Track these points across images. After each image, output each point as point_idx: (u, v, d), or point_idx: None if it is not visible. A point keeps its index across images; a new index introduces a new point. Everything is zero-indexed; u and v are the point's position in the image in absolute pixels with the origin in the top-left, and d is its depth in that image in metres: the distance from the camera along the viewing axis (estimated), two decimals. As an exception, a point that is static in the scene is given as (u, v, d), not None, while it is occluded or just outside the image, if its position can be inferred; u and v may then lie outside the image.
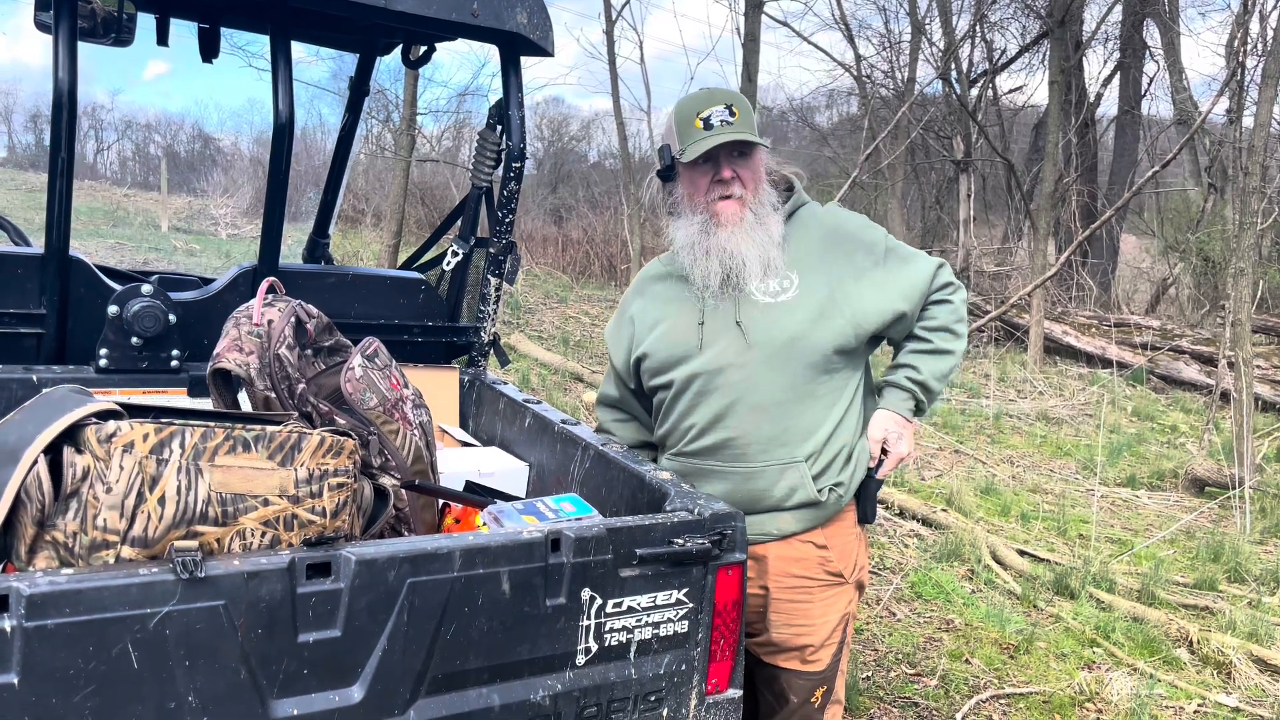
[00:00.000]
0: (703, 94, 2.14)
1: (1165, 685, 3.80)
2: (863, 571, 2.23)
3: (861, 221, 2.24)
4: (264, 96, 51.90)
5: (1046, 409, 9.26)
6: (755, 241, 2.09)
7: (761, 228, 2.10)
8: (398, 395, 2.02)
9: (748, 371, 2.08)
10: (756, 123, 2.15)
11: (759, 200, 2.12)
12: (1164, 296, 15.33)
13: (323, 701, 1.42)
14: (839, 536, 2.15)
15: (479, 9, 2.47)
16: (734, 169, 2.11)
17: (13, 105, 38.96)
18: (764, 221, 2.11)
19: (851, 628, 2.23)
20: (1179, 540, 5.71)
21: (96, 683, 1.26)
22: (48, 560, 1.37)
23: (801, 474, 2.07)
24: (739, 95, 2.17)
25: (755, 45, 7.44)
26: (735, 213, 2.10)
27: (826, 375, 2.09)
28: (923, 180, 18.64)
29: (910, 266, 2.18)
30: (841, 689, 2.23)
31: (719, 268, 2.10)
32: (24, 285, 2.35)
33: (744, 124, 2.08)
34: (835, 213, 2.26)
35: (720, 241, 2.09)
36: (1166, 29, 14.93)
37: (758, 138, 2.09)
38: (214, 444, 1.44)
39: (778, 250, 2.11)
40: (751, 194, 2.12)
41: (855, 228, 2.21)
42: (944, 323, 2.19)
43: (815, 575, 2.12)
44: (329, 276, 2.81)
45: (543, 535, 1.58)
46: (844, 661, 2.22)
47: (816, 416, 2.09)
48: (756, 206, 2.12)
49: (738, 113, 2.08)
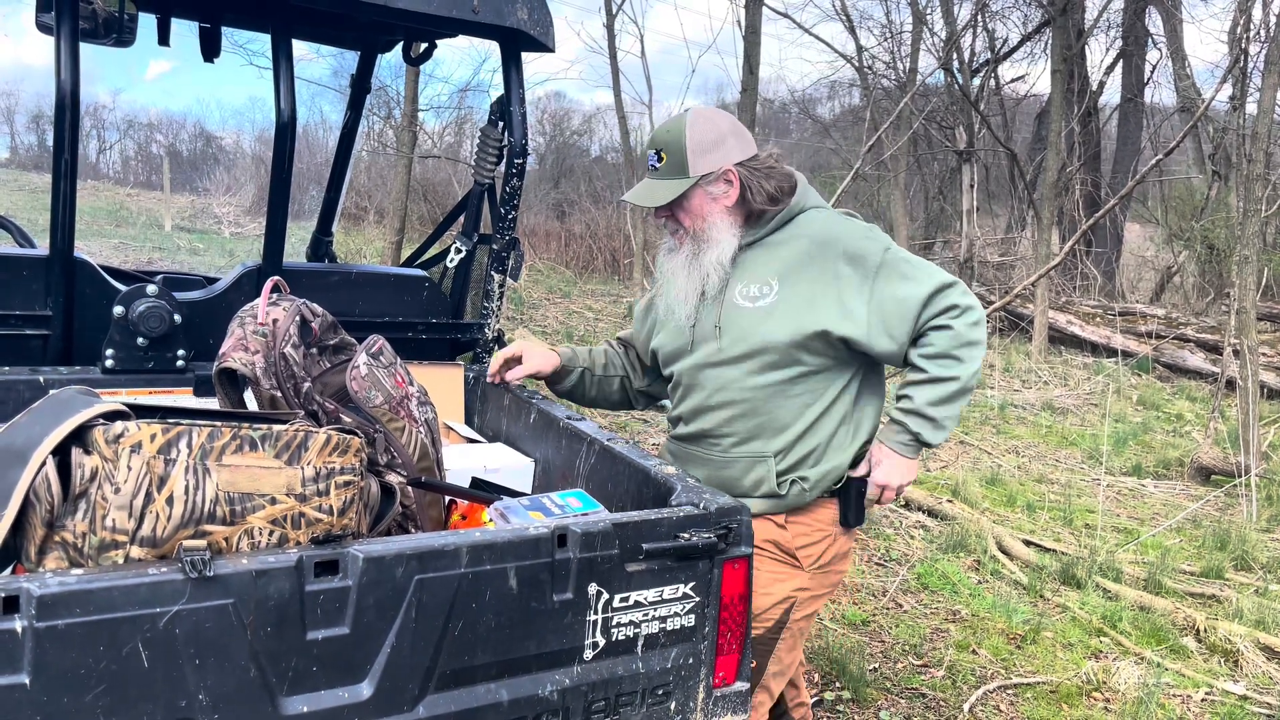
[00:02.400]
0: (657, 129, 2.29)
1: (1172, 674, 3.80)
2: (828, 569, 2.28)
3: (862, 231, 2.21)
4: (265, 94, 51.90)
5: (1051, 399, 9.25)
6: (690, 274, 2.24)
7: (700, 259, 2.23)
8: (403, 392, 2.02)
9: (724, 371, 2.21)
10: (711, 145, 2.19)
11: (698, 232, 2.23)
12: (1169, 285, 15.30)
13: (332, 698, 1.43)
14: (802, 525, 2.23)
15: (479, 5, 2.47)
16: (666, 210, 2.25)
17: (15, 106, 39.00)
18: (705, 252, 2.23)
19: (803, 620, 2.26)
20: (1185, 529, 5.71)
21: (107, 682, 1.27)
22: (57, 561, 1.38)
23: (769, 468, 2.19)
24: (675, 134, 2.21)
25: (756, 37, 7.43)
26: (679, 244, 2.28)
27: (802, 378, 2.17)
28: (925, 171, 18.60)
29: (902, 286, 2.13)
30: (775, 680, 2.26)
31: (668, 300, 2.32)
32: (29, 287, 2.36)
33: (669, 169, 2.21)
34: (836, 221, 2.23)
35: (669, 267, 2.30)
36: (1169, 16, 14.88)
37: (667, 194, 2.19)
38: (221, 443, 1.44)
39: (719, 274, 2.22)
40: (689, 228, 2.24)
41: (851, 237, 2.18)
42: (943, 349, 2.14)
43: (764, 546, 2.19)
44: (333, 275, 2.82)
45: (549, 531, 1.59)
46: (784, 651, 2.24)
47: (789, 416, 2.18)
48: (696, 239, 2.24)
49: (665, 158, 2.21)
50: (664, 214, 2.26)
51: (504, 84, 2.76)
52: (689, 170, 2.18)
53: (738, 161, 2.19)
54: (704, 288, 2.23)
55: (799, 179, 2.28)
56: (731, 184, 2.19)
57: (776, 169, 2.24)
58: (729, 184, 2.20)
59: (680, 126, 2.21)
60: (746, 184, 2.19)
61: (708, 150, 2.18)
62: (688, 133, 2.19)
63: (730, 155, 2.19)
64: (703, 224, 2.22)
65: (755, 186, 2.20)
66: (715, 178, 2.19)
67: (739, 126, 2.28)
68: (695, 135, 2.18)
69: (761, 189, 2.20)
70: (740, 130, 2.27)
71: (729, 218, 2.22)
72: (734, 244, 2.22)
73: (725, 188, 2.20)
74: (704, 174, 2.18)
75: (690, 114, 2.24)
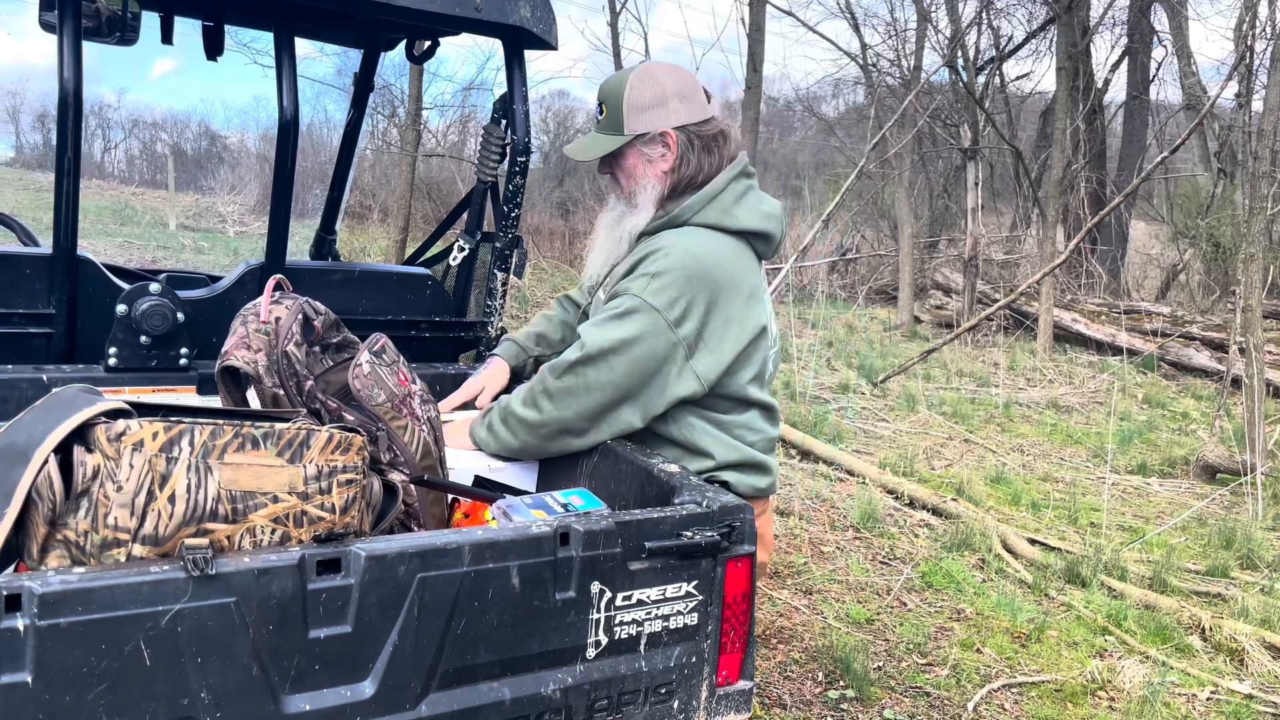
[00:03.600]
0: (605, 80, 2.22)
1: (1178, 673, 3.79)
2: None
3: (644, 273, 2.06)
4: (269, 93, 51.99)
5: (1056, 397, 9.24)
6: (608, 235, 2.19)
7: (622, 223, 2.17)
8: (406, 391, 2.02)
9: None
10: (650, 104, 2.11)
11: (630, 194, 2.17)
12: (1174, 283, 15.27)
13: (335, 697, 1.43)
14: None
15: (482, 3, 2.46)
16: (606, 167, 2.21)
17: (19, 105, 39.10)
18: (628, 217, 2.17)
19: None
20: (1191, 527, 5.70)
21: (109, 681, 1.27)
22: (59, 559, 1.38)
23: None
24: (617, 88, 2.14)
25: (760, 35, 7.42)
26: (613, 200, 2.22)
27: None
28: (930, 169, 18.57)
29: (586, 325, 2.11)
30: None
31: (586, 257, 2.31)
32: (33, 285, 2.36)
33: (607, 123, 2.14)
34: (651, 253, 2.09)
35: (602, 222, 2.25)
36: (1174, 13, 14.84)
37: (598, 149, 2.14)
38: (223, 441, 1.44)
39: (629, 245, 2.16)
40: (624, 188, 2.18)
41: (634, 269, 2.09)
42: (532, 384, 2.11)
43: None
44: (336, 273, 2.81)
45: (552, 529, 1.58)
46: None
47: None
48: (628, 202, 2.18)
49: (605, 111, 2.14)
50: (604, 171, 2.21)
51: (507, 82, 2.75)
52: (624, 127, 2.11)
53: (679, 125, 2.10)
54: (610, 257, 2.18)
55: (718, 180, 2.14)
56: (669, 148, 2.11)
57: (722, 146, 2.14)
58: (666, 147, 2.11)
59: (622, 80, 2.14)
60: (683, 152, 2.11)
61: (646, 109, 2.10)
62: (628, 88, 2.11)
63: (672, 117, 2.10)
64: (635, 185, 2.15)
65: (688, 158, 2.11)
66: (651, 138, 2.11)
67: (691, 88, 2.16)
68: (635, 92, 2.10)
69: (692, 163, 2.11)
70: (691, 93, 2.15)
71: (659, 186, 2.14)
72: (648, 217, 2.14)
73: (662, 150, 2.12)
74: (639, 133, 2.10)
75: (639, 68, 2.16)
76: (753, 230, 2.15)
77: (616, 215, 2.19)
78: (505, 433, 2.13)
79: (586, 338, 2.05)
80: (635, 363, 2.02)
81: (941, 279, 15.10)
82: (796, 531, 5.13)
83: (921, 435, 7.61)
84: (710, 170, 2.14)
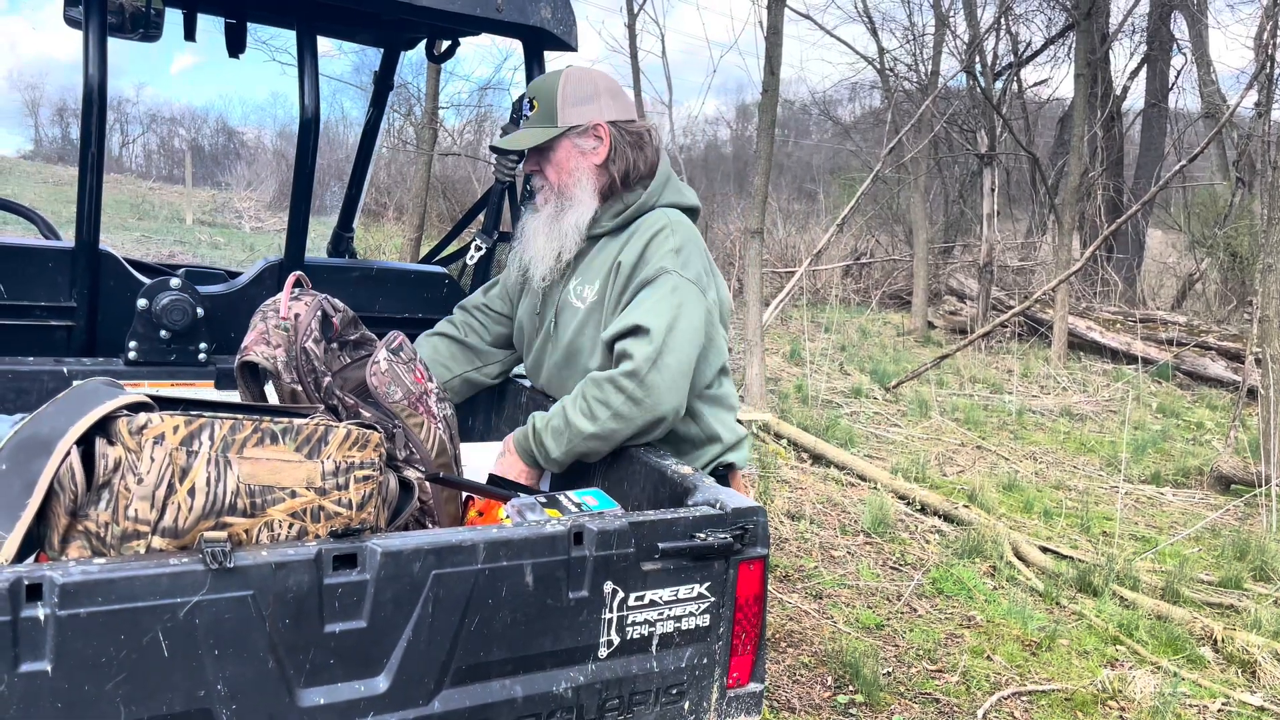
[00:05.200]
0: (532, 81, 2.28)
1: (1189, 684, 3.77)
2: None
3: (666, 249, 2.08)
4: (287, 90, 52.19)
5: (1070, 405, 9.20)
6: (550, 235, 2.19)
7: (560, 219, 2.18)
8: (422, 389, 2.03)
9: (552, 370, 2.27)
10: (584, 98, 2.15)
11: (563, 188, 2.18)
12: (1190, 292, 15.17)
13: (349, 691, 1.44)
14: None
15: (503, 4, 2.48)
16: (534, 163, 2.22)
17: (40, 99, 39.35)
18: (566, 212, 2.18)
19: None
20: (1204, 538, 5.67)
21: (127, 671, 1.28)
22: (80, 550, 1.39)
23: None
24: (549, 83, 2.18)
25: (778, 38, 7.41)
26: (544, 202, 2.22)
27: None
28: (946, 174, 18.50)
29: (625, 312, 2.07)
30: None
31: (524, 259, 2.27)
32: (55, 278, 2.38)
33: (539, 118, 2.16)
34: (657, 232, 2.11)
35: (531, 226, 2.25)
36: (1194, 21, 14.76)
37: (533, 139, 2.15)
38: (242, 436, 1.45)
39: (575, 238, 2.18)
40: (554, 183, 2.19)
41: (649, 251, 2.09)
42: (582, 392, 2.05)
43: None
44: (354, 270, 2.83)
45: (566, 529, 1.59)
46: None
47: None
48: (561, 196, 2.19)
49: (536, 106, 2.17)
50: (532, 167, 2.23)
51: (526, 83, 2.76)
52: (558, 120, 2.14)
53: (611, 120, 2.16)
54: (561, 250, 2.19)
55: (663, 165, 2.22)
56: (601, 140, 2.15)
57: (648, 144, 2.19)
58: (599, 139, 2.15)
59: (555, 77, 2.19)
60: (615, 145, 2.15)
61: (580, 102, 2.15)
62: (561, 82, 2.16)
63: (604, 112, 2.16)
64: (568, 179, 2.18)
65: (622, 151, 2.15)
66: (584, 130, 2.15)
67: (619, 89, 2.24)
68: (569, 86, 2.15)
69: (626, 157, 2.16)
70: (619, 92, 2.23)
71: (594, 179, 2.17)
72: (592, 209, 2.17)
73: (595, 143, 2.16)
74: (573, 125, 2.14)
75: (568, 68, 2.22)
76: (696, 208, 2.27)
77: (551, 212, 2.21)
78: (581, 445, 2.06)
79: (647, 323, 1.99)
80: (695, 333, 2.05)
81: (956, 285, 15.05)
82: (807, 536, 5.12)
83: (934, 441, 7.59)
84: (645, 165, 2.20)
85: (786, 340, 11.96)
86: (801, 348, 10.64)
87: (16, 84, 60.91)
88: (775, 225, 17.77)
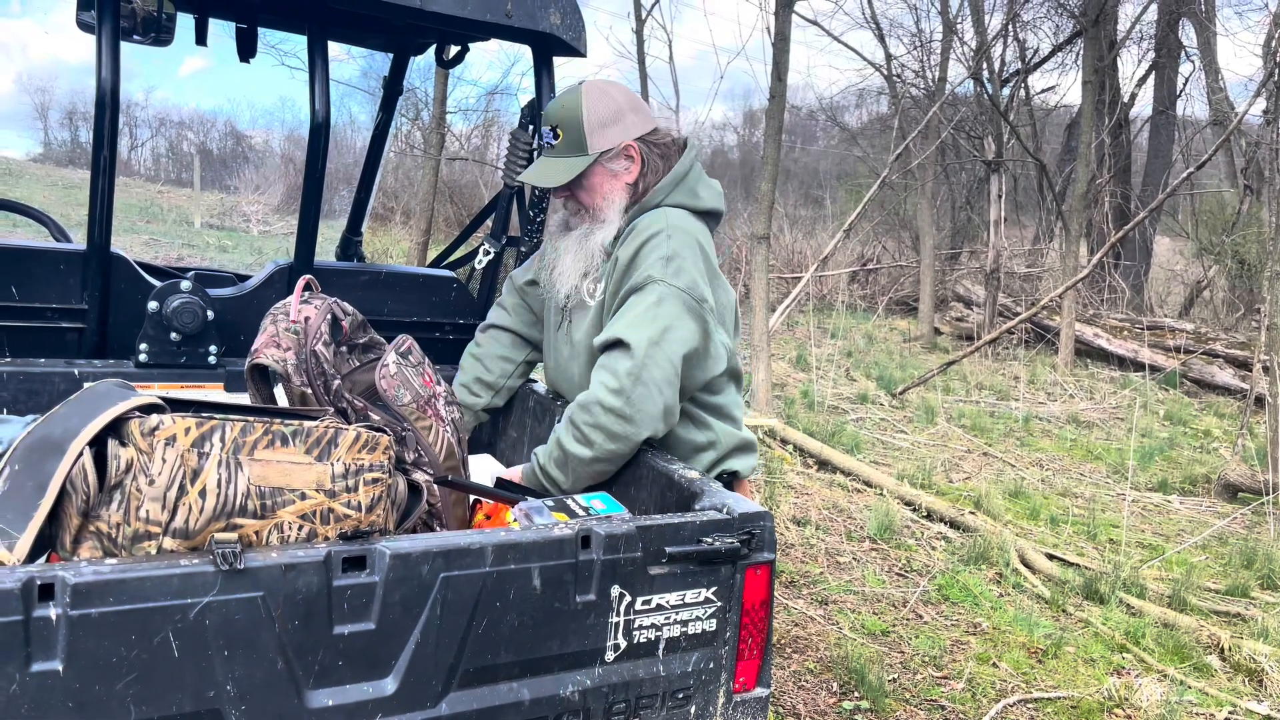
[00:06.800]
0: (551, 104, 2.21)
1: (1195, 692, 3.76)
2: None
3: (656, 256, 2.06)
4: (295, 94, 52.29)
5: (1077, 412, 9.18)
6: (578, 254, 2.19)
7: (589, 239, 2.18)
8: (431, 392, 2.04)
9: (565, 365, 2.30)
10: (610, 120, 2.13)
11: (596, 210, 2.18)
12: (1198, 299, 15.13)
13: (357, 693, 1.45)
14: None
15: (513, 9, 2.48)
16: (566, 193, 2.20)
17: (49, 102, 39.51)
18: (595, 233, 2.18)
19: None
20: (1211, 546, 5.65)
21: (138, 671, 1.29)
22: (92, 550, 1.40)
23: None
24: (571, 109, 2.14)
25: (785, 44, 7.41)
26: (579, 223, 2.22)
27: None
28: (953, 180, 18.50)
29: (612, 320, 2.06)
30: None
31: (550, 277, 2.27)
32: (66, 281, 2.39)
33: (566, 146, 2.12)
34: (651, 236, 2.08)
35: (562, 244, 2.24)
36: (1202, 29, 14.74)
37: (567, 173, 2.12)
38: (253, 438, 1.46)
39: (600, 257, 2.17)
40: (588, 205, 2.18)
41: (640, 256, 2.07)
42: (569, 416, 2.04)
43: None
44: (363, 274, 2.84)
45: (573, 532, 1.60)
46: None
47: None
48: (593, 218, 2.19)
49: (561, 135, 2.13)
50: (563, 194, 2.21)
51: (535, 88, 2.77)
52: (587, 147, 2.12)
53: (638, 136, 2.14)
54: (587, 269, 2.18)
55: (678, 165, 2.18)
56: (633, 159, 2.14)
57: (673, 151, 2.19)
58: (630, 159, 2.14)
59: (576, 101, 2.14)
60: (646, 160, 2.14)
61: (606, 125, 2.12)
62: (585, 107, 2.12)
63: (631, 130, 2.14)
64: (601, 201, 2.17)
65: (653, 165, 2.15)
66: (616, 153, 2.13)
67: (636, 99, 2.22)
68: (592, 109, 2.12)
69: (657, 169, 2.16)
70: (637, 104, 2.20)
71: (625, 197, 2.17)
72: (618, 226, 2.16)
73: (627, 163, 2.15)
74: (604, 150, 2.12)
75: (584, 87, 2.18)
76: (712, 210, 2.23)
77: (582, 234, 2.20)
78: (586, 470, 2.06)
79: (629, 337, 1.99)
80: (680, 343, 2.03)
81: (963, 291, 15.04)
82: (813, 541, 5.12)
83: (940, 447, 7.58)
84: (668, 167, 2.19)
85: (793, 346, 11.96)
86: (808, 353, 10.64)
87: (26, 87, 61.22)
88: (782, 231, 17.77)
